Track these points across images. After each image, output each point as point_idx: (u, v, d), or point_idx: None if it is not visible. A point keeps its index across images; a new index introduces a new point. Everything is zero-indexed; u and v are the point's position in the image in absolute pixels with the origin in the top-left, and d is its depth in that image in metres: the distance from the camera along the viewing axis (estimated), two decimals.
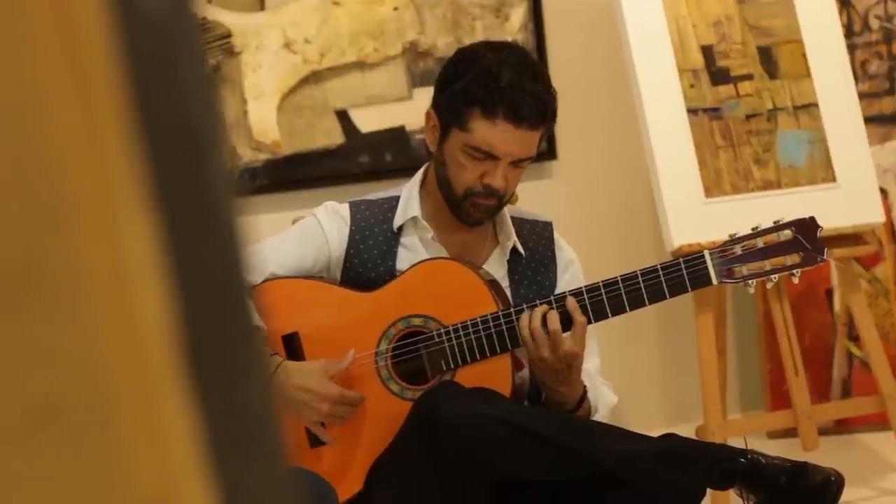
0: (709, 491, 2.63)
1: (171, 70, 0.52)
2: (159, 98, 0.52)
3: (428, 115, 2.67)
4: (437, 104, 2.66)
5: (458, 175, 2.61)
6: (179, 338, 0.52)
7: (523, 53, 2.74)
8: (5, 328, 0.52)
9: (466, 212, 2.63)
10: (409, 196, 2.72)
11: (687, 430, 3.11)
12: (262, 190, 3.69)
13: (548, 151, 3.96)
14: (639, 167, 3.73)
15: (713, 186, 3.49)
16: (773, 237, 2.66)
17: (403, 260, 2.67)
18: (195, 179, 0.53)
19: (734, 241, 2.65)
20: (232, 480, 0.54)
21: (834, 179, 3.54)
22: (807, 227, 2.66)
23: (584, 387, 2.63)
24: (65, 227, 0.51)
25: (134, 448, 0.52)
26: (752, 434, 3.39)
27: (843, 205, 3.50)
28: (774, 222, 2.67)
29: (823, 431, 3.59)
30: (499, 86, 2.55)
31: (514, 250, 2.72)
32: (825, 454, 3.18)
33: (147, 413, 0.52)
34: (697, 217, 3.43)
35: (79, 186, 0.51)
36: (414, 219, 2.69)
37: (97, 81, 0.51)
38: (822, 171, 3.56)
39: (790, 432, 3.75)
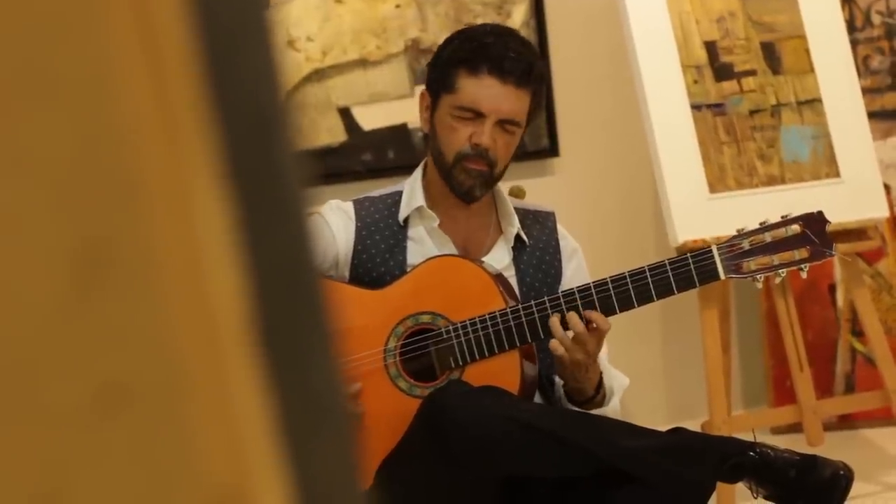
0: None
1: (243, 49, 0.52)
2: (232, 77, 0.51)
3: (421, 95, 2.72)
4: (427, 81, 2.71)
5: (447, 140, 2.63)
6: (252, 319, 0.52)
7: (507, 26, 2.89)
8: (77, 308, 0.51)
9: (458, 180, 2.64)
10: (411, 188, 2.72)
11: (691, 427, 3.11)
12: None
13: (550, 148, 3.96)
14: (642, 163, 3.72)
15: (717, 182, 3.49)
16: (781, 232, 2.66)
17: (413, 253, 2.67)
18: (268, 159, 0.52)
19: (742, 235, 2.65)
20: (304, 465, 0.54)
21: (837, 175, 3.55)
22: (815, 221, 2.66)
23: (601, 371, 2.64)
24: (137, 207, 0.51)
25: (206, 431, 0.52)
26: (756, 430, 3.39)
27: (847, 200, 3.50)
28: (782, 217, 2.67)
29: (827, 427, 3.59)
30: (483, 44, 2.62)
31: (518, 239, 2.72)
32: (829, 450, 3.18)
33: (220, 396, 0.52)
34: (702, 213, 3.43)
35: (151, 166, 0.51)
36: (419, 209, 2.69)
37: (170, 60, 0.50)
38: (825, 166, 3.56)
39: (794, 428, 3.75)
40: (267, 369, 0.52)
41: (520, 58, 2.62)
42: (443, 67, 2.65)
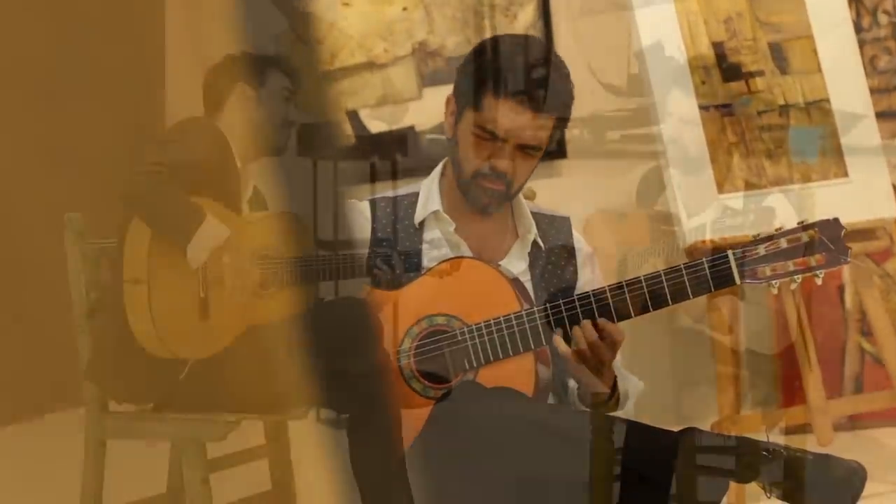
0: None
1: (283, 62, 0.52)
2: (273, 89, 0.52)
3: (448, 100, 2.71)
4: (454, 88, 2.70)
5: (467, 156, 2.64)
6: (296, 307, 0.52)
7: (542, 43, 2.85)
8: None
9: (474, 194, 2.66)
10: (428, 191, 2.73)
11: (701, 427, 3.11)
12: None
13: (557, 150, 3.97)
14: (650, 164, 3.73)
15: (725, 182, 3.49)
16: (796, 238, 2.65)
17: (428, 256, 2.68)
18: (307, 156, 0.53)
19: (758, 241, 2.64)
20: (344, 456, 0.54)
21: (845, 175, 3.55)
22: (831, 227, 2.66)
23: (615, 375, 2.64)
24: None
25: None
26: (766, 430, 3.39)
27: (855, 200, 3.51)
28: (798, 223, 2.67)
29: (836, 427, 3.59)
30: (510, 67, 2.60)
31: (534, 244, 2.73)
32: (838, 450, 3.17)
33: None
34: (710, 213, 3.44)
35: None
36: (435, 213, 2.70)
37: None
38: (833, 166, 3.56)
39: (803, 428, 3.75)
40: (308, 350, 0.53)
41: (545, 86, 2.61)
42: (469, 81, 2.64)
